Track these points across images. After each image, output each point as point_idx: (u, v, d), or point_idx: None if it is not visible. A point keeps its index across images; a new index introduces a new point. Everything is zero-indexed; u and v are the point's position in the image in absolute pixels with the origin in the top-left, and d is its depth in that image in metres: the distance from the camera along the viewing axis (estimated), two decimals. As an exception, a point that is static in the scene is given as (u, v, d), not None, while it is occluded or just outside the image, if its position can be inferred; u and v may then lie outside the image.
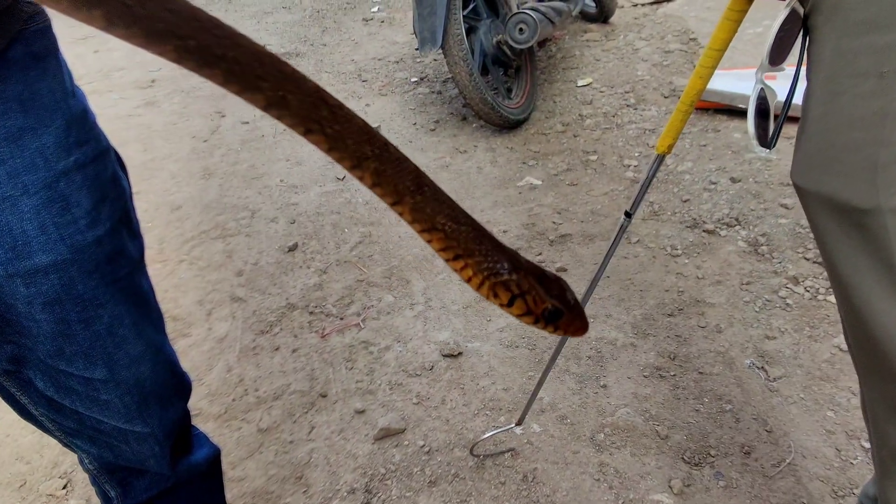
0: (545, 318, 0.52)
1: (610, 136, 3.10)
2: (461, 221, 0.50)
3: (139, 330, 0.79)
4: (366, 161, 0.46)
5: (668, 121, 1.09)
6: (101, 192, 0.73)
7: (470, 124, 3.38)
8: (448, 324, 2.04)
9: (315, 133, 0.44)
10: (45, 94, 0.69)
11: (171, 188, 3.00)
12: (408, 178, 0.48)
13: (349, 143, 0.45)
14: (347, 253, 2.44)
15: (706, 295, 2.06)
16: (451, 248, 0.50)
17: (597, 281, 1.27)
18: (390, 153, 0.47)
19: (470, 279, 0.51)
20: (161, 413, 0.84)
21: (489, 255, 0.51)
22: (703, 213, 2.45)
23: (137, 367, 0.79)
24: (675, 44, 3.97)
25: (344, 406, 1.78)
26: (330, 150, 0.45)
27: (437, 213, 0.49)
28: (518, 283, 0.51)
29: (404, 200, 0.48)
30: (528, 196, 2.71)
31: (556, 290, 0.53)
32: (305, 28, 5.34)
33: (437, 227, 0.49)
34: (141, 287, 0.81)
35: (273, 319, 2.14)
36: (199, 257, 2.48)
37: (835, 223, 0.71)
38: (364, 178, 0.47)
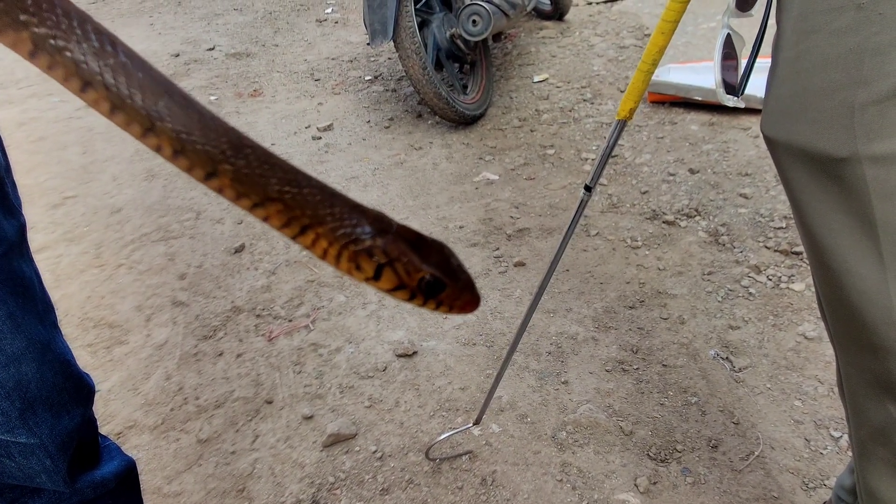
0: (423, 292, 0.42)
1: (567, 131, 3.04)
2: (302, 184, 0.39)
3: (17, 323, 0.67)
4: (162, 122, 0.36)
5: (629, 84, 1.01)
6: None
7: (425, 121, 3.29)
8: (402, 323, 1.94)
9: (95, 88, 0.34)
10: None
11: (112, 191, 2.85)
12: (221, 138, 0.37)
13: (140, 99, 0.35)
14: (297, 253, 2.33)
15: (668, 286, 2.01)
16: (295, 220, 0.39)
17: (558, 258, 1.20)
18: (198, 111, 0.36)
19: (325, 253, 0.40)
20: (52, 421, 0.72)
21: (345, 219, 0.40)
22: (663, 205, 2.40)
23: (17, 367, 0.67)
24: (629, 39, 3.94)
25: (291, 412, 1.67)
26: (112, 111, 0.35)
27: (268, 178, 0.39)
28: (384, 250, 0.41)
29: (221, 168, 0.37)
30: (484, 191, 2.63)
31: (436, 257, 0.43)
32: (257, 29, 5.20)
33: (273, 197, 0.39)
34: (19, 273, 0.69)
35: (217, 324, 2.01)
36: (138, 261, 2.34)
37: (808, 177, 0.64)
38: (162, 147, 0.36)
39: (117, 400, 1.75)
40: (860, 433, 0.74)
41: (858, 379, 0.70)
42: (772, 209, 2.29)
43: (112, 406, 1.73)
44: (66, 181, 2.93)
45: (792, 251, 2.07)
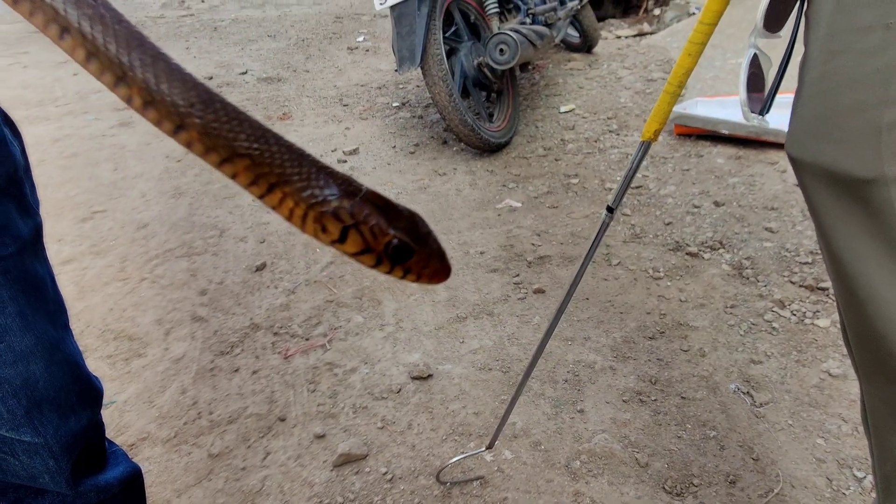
0: (389, 257, 0.41)
1: (592, 161, 3.04)
2: (271, 142, 0.39)
3: (27, 321, 0.67)
4: (132, 71, 0.36)
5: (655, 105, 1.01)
6: None
7: (450, 147, 3.31)
8: (419, 345, 1.93)
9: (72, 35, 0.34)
10: None
11: (140, 206, 2.89)
12: (190, 92, 0.37)
13: (113, 49, 0.35)
14: (318, 273, 2.34)
15: (689, 318, 1.97)
16: (263, 178, 0.38)
17: (578, 279, 1.18)
18: (166, 63, 0.37)
19: (291, 213, 0.39)
20: (58, 422, 0.72)
21: (312, 179, 0.40)
22: (686, 236, 2.37)
23: (25, 366, 0.68)
24: (657, 73, 3.95)
25: (303, 430, 1.66)
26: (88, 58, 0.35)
27: (237, 134, 0.38)
28: (351, 212, 0.40)
29: (189, 122, 0.37)
30: (507, 218, 2.62)
31: (405, 223, 0.42)
32: (289, 55, 5.31)
33: (241, 153, 0.38)
34: (32, 272, 0.69)
35: (235, 340, 2.02)
36: (161, 276, 2.37)
37: (833, 199, 0.62)
38: (133, 97, 0.36)
39: (132, 411, 1.76)
40: (885, 468, 0.71)
41: (884, 411, 0.67)
42: (798, 244, 2.25)
43: (127, 417, 1.74)
44: (96, 196, 2.99)
45: (817, 287, 2.03)
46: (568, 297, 1.23)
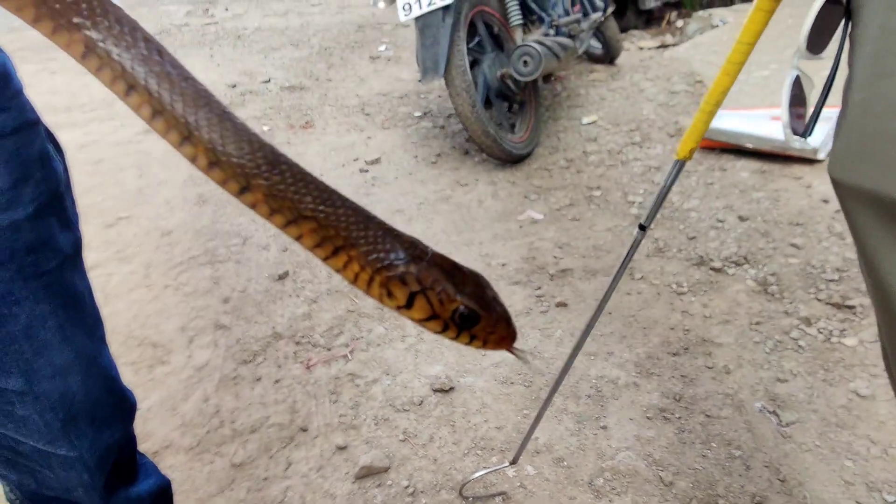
0: (456, 324, 0.40)
1: (614, 173, 3.02)
2: (337, 204, 0.38)
3: (66, 335, 0.68)
4: (199, 131, 0.35)
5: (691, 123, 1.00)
6: (22, 170, 0.63)
7: (472, 158, 3.32)
8: (440, 357, 1.93)
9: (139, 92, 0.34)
10: None
11: (164, 213, 2.92)
12: (257, 153, 0.36)
13: (180, 106, 0.35)
14: (339, 283, 2.34)
15: (713, 334, 1.96)
16: (328, 241, 0.38)
17: (608, 297, 1.18)
18: (233, 123, 0.36)
19: (357, 277, 0.39)
20: (93, 435, 0.73)
21: (379, 242, 0.39)
22: (710, 251, 2.35)
23: (63, 379, 0.68)
24: (680, 85, 3.93)
25: (325, 441, 1.66)
26: (153, 117, 0.35)
27: (303, 196, 0.38)
28: (418, 277, 0.39)
29: (255, 184, 0.36)
30: (528, 230, 2.62)
31: (471, 287, 0.41)
32: (312, 64, 5.34)
33: (307, 215, 0.37)
34: (72, 286, 0.70)
35: (257, 349, 2.03)
36: (185, 283, 2.39)
37: (876, 221, 0.62)
38: (198, 157, 0.35)
39: (155, 419, 1.77)
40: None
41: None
42: (824, 260, 2.22)
43: (150, 425, 1.75)
44: (121, 202, 3.02)
45: (844, 304, 2.00)
46: (597, 315, 1.22)
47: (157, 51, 0.35)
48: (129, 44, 0.34)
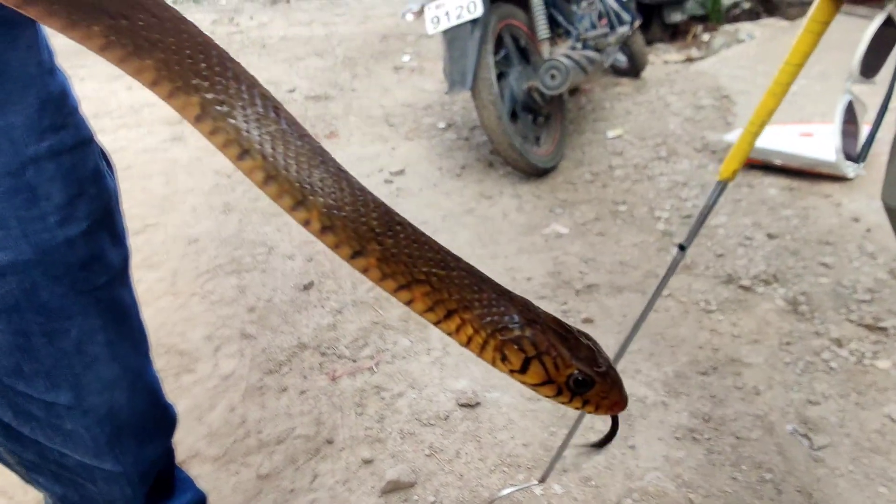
0: (570, 389, 0.40)
1: (640, 188, 3.01)
2: (451, 265, 0.37)
3: (115, 350, 0.68)
4: (314, 195, 0.34)
5: (734, 144, 1.00)
6: (77, 186, 0.64)
7: (496, 170, 3.31)
8: (466, 371, 1.92)
9: (253, 157, 0.33)
10: (16, 67, 0.59)
11: (190, 221, 2.94)
12: (372, 215, 0.36)
13: (295, 169, 0.34)
14: (364, 294, 2.35)
15: (743, 354, 1.93)
16: (441, 304, 0.37)
17: (642, 320, 1.17)
18: (349, 184, 0.35)
19: (470, 340, 0.38)
20: (137, 450, 0.73)
21: (493, 305, 0.38)
22: (739, 269, 2.33)
23: (110, 394, 0.69)
24: (707, 99, 3.90)
25: (351, 454, 1.66)
26: (266, 181, 0.34)
27: (418, 260, 0.37)
28: (533, 341, 0.39)
29: (369, 248, 0.35)
30: (554, 244, 2.61)
31: (585, 352, 0.40)
32: (336, 74, 5.38)
33: (420, 279, 0.37)
34: (121, 301, 0.71)
35: (283, 359, 2.04)
36: (211, 291, 2.40)
37: None
38: (311, 219, 0.35)
39: (182, 428, 1.77)
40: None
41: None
42: (855, 280, 2.19)
43: (177, 433, 1.74)
44: (149, 209, 3.05)
45: (877, 326, 1.97)
46: (630, 337, 1.21)
47: (273, 109, 0.34)
48: (245, 104, 0.33)
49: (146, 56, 0.31)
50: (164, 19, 0.31)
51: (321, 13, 8.50)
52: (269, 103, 0.34)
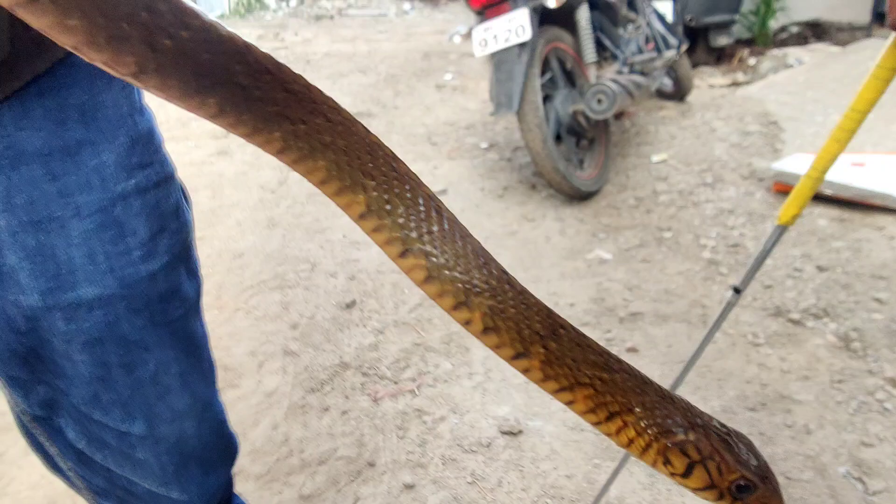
0: (732, 494, 0.39)
1: (685, 214, 2.97)
2: (614, 368, 0.37)
3: (186, 381, 0.70)
4: (477, 296, 0.35)
5: (794, 189, 0.98)
6: (160, 221, 0.65)
7: (539, 193, 3.31)
8: (508, 398, 1.91)
9: (415, 256, 0.33)
10: (110, 107, 0.62)
11: (236, 235, 2.99)
12: (535, 318, 0.36)
13: (458, 270, 0.35)
14: (406, 314, 2.35)
15: (792, 391, 1.89)
16: (603, 407, 0.37)
17: (693, 362, 1.15)
18: (512, 286, 0.35)
19: (631, 442, 0.38)
20: (202, 478, 0.74)
21: (656, 408, 0.38)
22: (788, 302, 2.28)
23: (180, 424, 0.70)
24: (754, 126, 3.85)
25: (392, 478, 1.66)
26: (427, 280, 0.34)
27: (581, 363, 0.37)
28: (698, 447, 0.39)
29: (533, 350, 0.36)
30: (597, 270, 2.59)
31: (745, 454, 0.40)
32: (379, 91, 5.43)
33: (583, 382, 0.37)
34: (194, 333, 0.72)
35: (325, 377, 2.05)
36: (255, 307, 2.43)
37: None
38: (473, 320, 0.35)
39: (226, 444, 1.79)
40: None
41: None
42: (910, 318, 2.13)
43: (221, 449, 1.77)
44: (196, 222, 3.10)
45: (934, 367, 1.91)
46: (681, 378, 1.19)
47: (435, 209, 0.35)
48: (408, 204, 0.34)
49: (319, 157, 0.32)
50: (336, 122, 0.32)
51: (364, 30, 8.61)
52: (432, 203, 0.35)
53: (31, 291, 0.59)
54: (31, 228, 0.58)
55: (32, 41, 0.54)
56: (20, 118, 0.56)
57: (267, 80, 0.30)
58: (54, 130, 0.57)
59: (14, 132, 0.56)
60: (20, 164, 0.56)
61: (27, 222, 0.57)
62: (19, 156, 0.56)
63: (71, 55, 0.58)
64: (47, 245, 0.58)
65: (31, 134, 0.56)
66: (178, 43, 0.26)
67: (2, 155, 0.56)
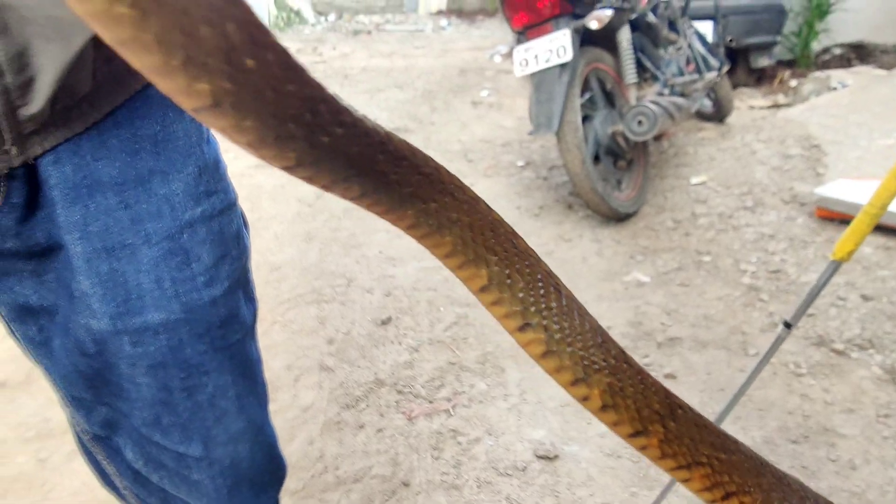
0: None
1: (725, 238, 2.93)
2: (731, 449, 0.37)
3: (242, 404, 0.71)
4: (596, 373, 0.35)
5: (851, 224, 0.96)
6: (222, 248, 0.67)
7: (576, 212, 3.29)
8: (544, 421, 1.90)
9: (535, 330, 0.34)
10: (181, 137, 0.63)
11: (273, 248, 3.02)
12: (653, 397, 0.36)
13: (577, 346, 0.35)
14: (441, 333, 2.35)
15: (836, 423, 1.84)
16: (719, 487, 0.37)
17: (738, 398, 1.13)
18: (630, 365, 0.36)
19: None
20: (252, 500, 0.75)
21: (773, 491, 0.38)
22: (831, 331, 2.23)
23: (235, 446, 0.71)
24: (795, 149, 3.79)
25: (427, 499, 1.65)
26: (545, 354, 0.35)
27: (699, 443, 0.37)
28: None
29: (652, 429, 0.36)
30: (634, 292, 2.56)
31: None
32: (416, 106, 5.47)
33: (701, 462, 0.37)
34: (249, 356, 0.73)
35: (360, 394, 2.05)
36: (292, 320, 2.45)
37: None
38: (591, 396, 0.35)
39: (262, 458, 1.80)
40: None
41: None
42: (960, 352, 2.07)
43: (257, 463, 1.78)
44: (235, 235, 3.14)
45: None
46: (729, 408, 1.17)
47: (554, 286, 0.36)
48: (529, 279, 0.35)
49: (446, 234, 0.33)
50: (462, 200, 0.34)
51: (402, 45, 8.69)
52: (552, 280, 0.36)
53: (102, 316, 0.60)
54: (105, 255, 0.59)
55: (112, 76, 0.56)
56: (98, 149, 0.58)
57: (404, 166, 0.32)
58: (128, 161, 0.59)
59: (92, 162, 0.57)
60: (96, 193, 0.58)
61: (101, 249, 0.59)
62: (96, 185, 0.58)
63: (146, 88, 0.60)
64: (119, 271, 0.60)
65: (107, 164, 0.58)
66: (334, 139, 0.28)
67: (80, 184, 0.57)
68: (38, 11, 0.49)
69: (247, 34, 0.24)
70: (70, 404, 0.68)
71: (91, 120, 0.56)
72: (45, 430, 1.88)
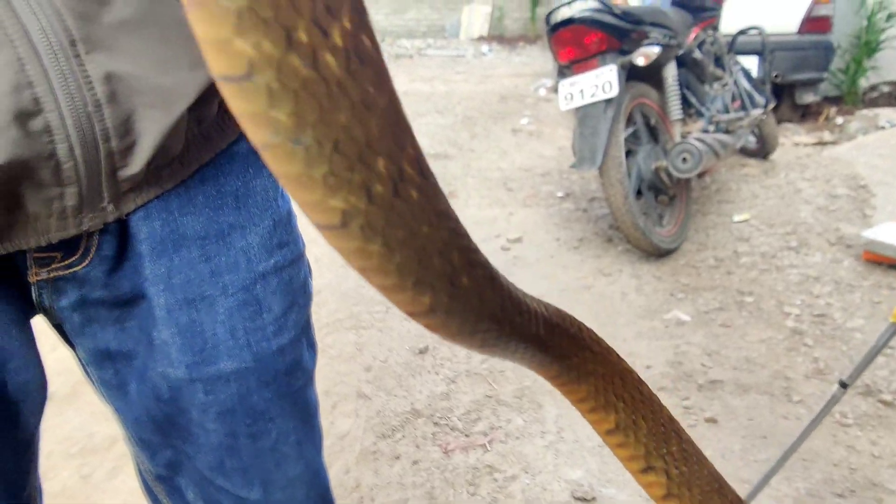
0: None
1: (768, 279, 2.89)
2: None
3: (301, 449, 0.72)
4: None
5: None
6: (291, 297, 0.69)
7: (615, 246, 3.27)
8: (581, 461, 1.88)
9: (657, 474, 0.36)
10: (259, 192, 0.66)
11: (314, 272, 3.05)
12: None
13: (695, 491, 0.37)
14: (478, 365, 2.35)
15: (884, 478, 1.79)
16: None
17: (791, 452, 1.11)
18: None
19: None
20: None
21: None
22: (879, 381, 2.18)
23: (292, 491, 0.72)
24: (842, 189, 3.73)
25: (462, 537, 1.64)
26: (665, 497, 0.37)
27: None
28: None
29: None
30: (674, 331, 2.53)
31: None
32: (455, 132, 5.51)
33: None
34: (309, 401, 0.75)
35: (396, 424, 2.06)
36: (331, 346, 2.47)
37: None
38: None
39: (298, 485, 1.81)
40: None
41: None
42: None
43: (293, 490, 1.79)
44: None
45: None
46: (777, 468, 1.15)
47: (675, 431, 0.38)
48: (653, 425, 0.37)
49: (583, 383, 0.35)
50: (597, 353, 0.36)
51: (443, 70, 8.78)
52: (672, 427, 0.38)
53: (179, 364, 0.62)
54: (186, 306, 0.61)
55: (202, 136, 0.59)
56: (185, 205, 0.60)
57: (557, 333, 0.35)
58: (212, 216, 0.61)
59: (179, 217, 0.60)
60: (182, 247, 0.60)
61: (182, 300, 0.61)
62: (181, 239, 0.60)
63: (231, 146, 0.62)
64: (197, 322, 0.62)
65: (192, 219, 0.60)
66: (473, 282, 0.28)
67: (167, 239, 0.60)
68: (144, 81, 0.51)
69: (466, 259, 0.26)
70: (136, 445, 0.70)
71: (181, 178, 0.59)
72: (90, 446, 1.92)
